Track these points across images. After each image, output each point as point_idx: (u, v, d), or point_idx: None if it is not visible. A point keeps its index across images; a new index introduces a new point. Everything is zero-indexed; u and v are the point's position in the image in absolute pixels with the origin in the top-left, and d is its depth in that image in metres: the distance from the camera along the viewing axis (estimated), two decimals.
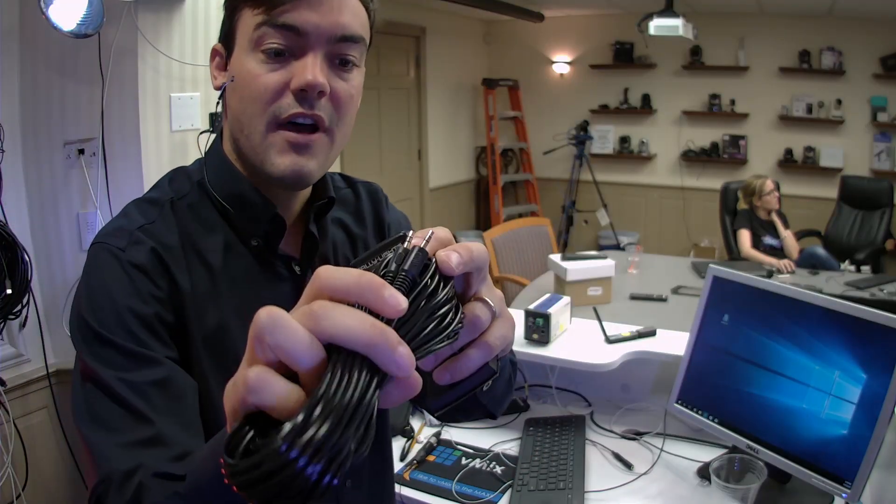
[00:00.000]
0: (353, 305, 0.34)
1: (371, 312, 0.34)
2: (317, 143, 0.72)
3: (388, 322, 0.34)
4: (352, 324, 0.33)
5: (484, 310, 0.42)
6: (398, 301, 0.34)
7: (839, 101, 5.24)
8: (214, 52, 0.77)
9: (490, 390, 0.67)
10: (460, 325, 0.39)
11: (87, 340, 0.66)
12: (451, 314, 0.38)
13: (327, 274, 0.36)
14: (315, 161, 0.72)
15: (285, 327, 0.33)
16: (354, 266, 0.40)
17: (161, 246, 0.72)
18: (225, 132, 0.79)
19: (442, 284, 0.39)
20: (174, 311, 0.71)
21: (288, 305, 0.77)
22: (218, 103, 0.77)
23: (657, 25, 4.06)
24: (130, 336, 0.66)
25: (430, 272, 0.39)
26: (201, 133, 2.09)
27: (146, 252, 0.71)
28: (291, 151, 0.71)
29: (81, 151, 1.94)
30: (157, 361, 0.66)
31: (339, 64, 0.72)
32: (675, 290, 3.31)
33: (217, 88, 0.77)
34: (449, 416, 0.85)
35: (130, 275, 0.69)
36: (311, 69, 0.68)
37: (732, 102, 5.64)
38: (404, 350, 0.33)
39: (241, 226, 0.78)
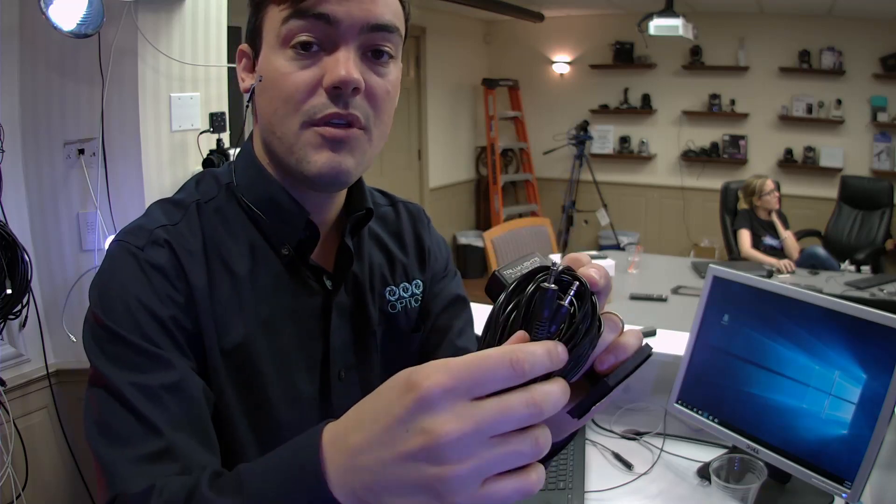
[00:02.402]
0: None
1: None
2: (353, 138, 0.67)
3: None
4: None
5: (617, 318, 0.47)
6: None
7: (839, 101, 5.24)
8: (241, 54, 0.74)
9: (548, 462, 0.67)
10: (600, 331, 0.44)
11: (98, 339, 0.64)
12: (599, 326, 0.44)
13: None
14: (352, 158, 0.68)
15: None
16: (508, 303, 0.43)
17: (182, 249, 0.69)
18: (255, 135, 0.76)
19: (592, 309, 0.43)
20: (192, 318, 0.67)
21: (317, 321, 0.76)
22: (246, 107, 0.74)
23: (657, 25, 4.07)
24: (144, 335, 0.63)
25: (589, 302, 0.43)
26: (201, 133, 2.09)
27: (165, 253, 0.68)
28: (327, 148, 0.67)
29: (81, 151, 1.94)
30: (170, 363, 0.63)
31: (372, 56, 0.67)
32: (675, 290, 3.31)
33: (245, 91, 0.73)
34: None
35: (148, 274, 0.66)
36: (345, 64, 0.64)
37: (732, 102, 5.64)
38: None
39: (272, 232, 0.74)
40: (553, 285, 0.41)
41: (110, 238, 1.96)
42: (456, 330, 0.87)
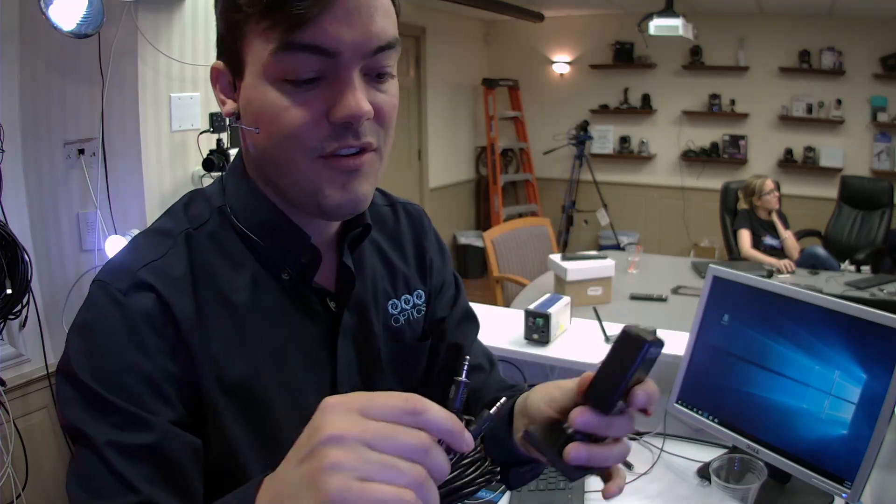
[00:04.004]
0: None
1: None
2: (367, 163, 0.64)
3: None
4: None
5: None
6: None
7: (839, 101, 5.24)
8: (216, 74, 0.66)
9: (523, 473, 0.74)
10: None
11: (76, 394, 0.59)
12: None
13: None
14: (368, 183, 0.65)
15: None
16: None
17: (167, 287, 0.63)
18: (247, 156, 0.70)
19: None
20: (183, 361, 0.63)
21: (324, 345, 0.74)
22: (229, 125, 0.72)
23: (657, 25, 4.06)
24: (128, 396, 0.59)
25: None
26: (201, 133, 2.09)
27: (150, 297, 0.62)
28: (342, 179, 0.63)
29: (81, 151, 1.94)
30: (149, 425, 0.59)
31: (376, 77, 0.63)
32: (675, 290, 3.31)
33: (227, 115, 0.67)
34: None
35: (133, 326, 0.61)
36: (353, 96, 0.59)
37: (732, 102, 5.64)
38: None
39: (271, 257, 0.69)
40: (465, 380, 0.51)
41: (110, 238, 1.96)
42: (466, 349, 0.88)
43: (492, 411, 0.51)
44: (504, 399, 0.53)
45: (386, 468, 0.39)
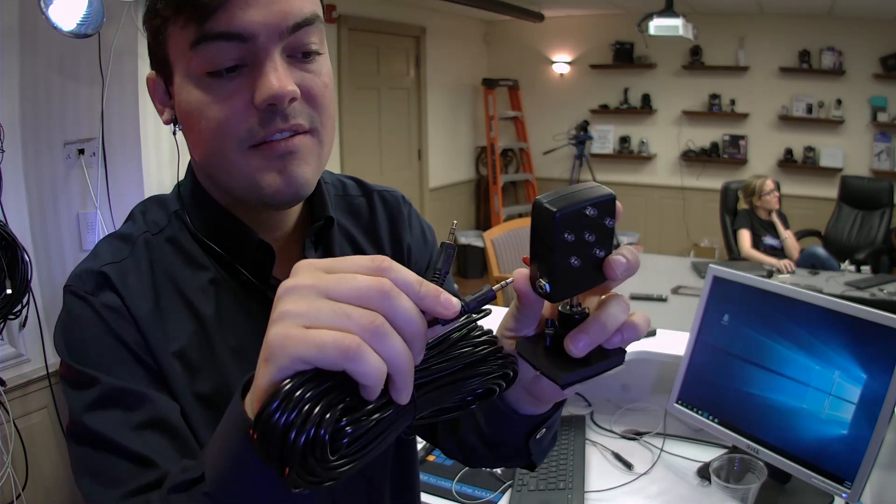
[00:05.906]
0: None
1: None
2: (302, 146, 0.62)
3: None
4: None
5: (624, 301, 0.50)
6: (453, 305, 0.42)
7: (839, 101, 5.24)
8: (152, 84, 0.67)
9: (541, 439, 0.66)
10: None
11: (75, 386, 0.61)
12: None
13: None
14: (307, 167, 0.63)
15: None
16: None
17: (127, 288, 0.64)
18: (193, 160, 0.71)
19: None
20: (151, 356, 0.63)
21: None
22: (175, 133, 0.69)
23: (657, 25, 4.06)
24: (117, 374, 0.60)
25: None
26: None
27: (114, 296, 0.63)
28: (277, 165, 0.61)
29: (81, 151, 1.94)
30: (147, 398, 0.60)
31: (302, 57, 0.61)
32: (675, 290, 3.31)
33: (167, 123, 0.68)
34: (490, 460, 0.75)
35: (105, 317, 0.62)
36: (275, 75, 0.58)
37: (732, 102, 5.64)
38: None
39: (226, 258, 0.69)
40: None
41: None
42: None
43: (494, 287, 0.46)
44: (511, 280, 0.48)
45: (335, 314, 0.38)
